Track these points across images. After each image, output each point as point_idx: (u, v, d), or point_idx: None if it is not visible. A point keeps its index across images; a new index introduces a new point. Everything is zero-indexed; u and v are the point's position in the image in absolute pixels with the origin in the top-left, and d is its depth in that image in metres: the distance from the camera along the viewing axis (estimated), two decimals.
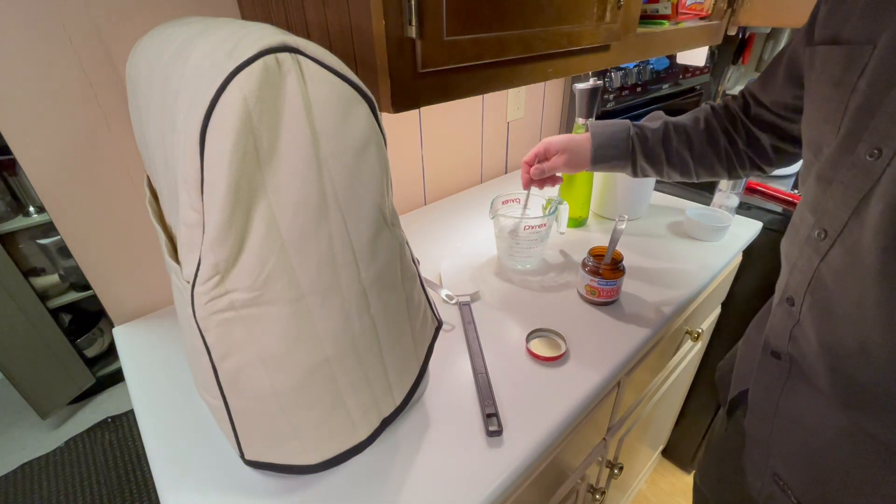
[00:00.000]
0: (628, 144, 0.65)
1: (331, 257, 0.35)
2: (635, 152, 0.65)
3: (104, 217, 0.63)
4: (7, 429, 1.62)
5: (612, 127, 0.66)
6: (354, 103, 0.33)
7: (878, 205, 0.34)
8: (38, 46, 0.52)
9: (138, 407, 0.55)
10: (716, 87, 1.66)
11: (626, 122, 0.67)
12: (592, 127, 0.67)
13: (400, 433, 0.50)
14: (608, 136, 0.66)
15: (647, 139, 0.65)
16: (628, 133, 0.65)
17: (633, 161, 0.66)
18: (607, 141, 0.66)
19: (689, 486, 1.32)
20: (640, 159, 0.65)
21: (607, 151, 0.66)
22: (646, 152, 0.65)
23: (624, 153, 0.65)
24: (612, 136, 0.66)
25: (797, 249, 0.44)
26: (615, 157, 0.66)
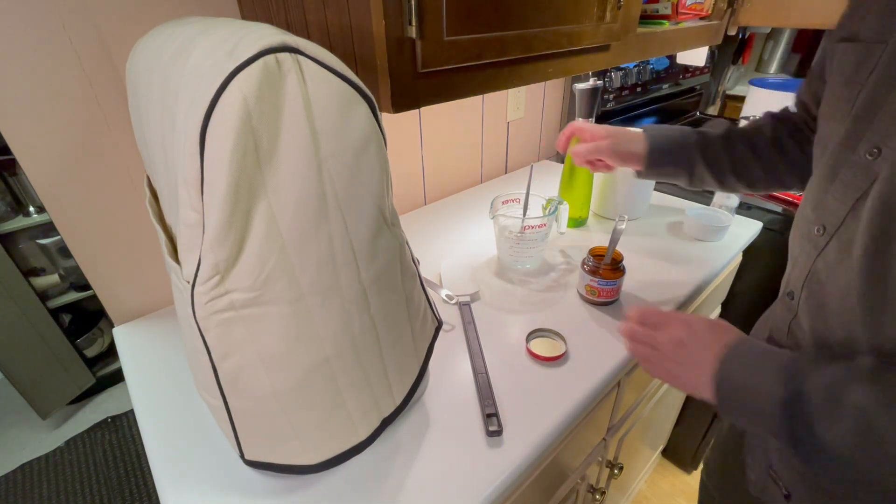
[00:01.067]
0: (688, 151, 0.60)
1: (331, 257, 0.35)
2: (694, 159, 0.60)
3: (104, 217, 0.63)
4: (7, 429, 1.62)
5: (669, 131, 0.62)
6: (354, 103, 0.33)
7: (871, 202, 0.35)
8: (38, 46, 0.52)
9: (138, 407, 0.55)
10: (716, 87, 1.66)
11: (686, 127, 0.63)
12: (648, 129, 0.63)
13: (400, 433, 0.50)
14: (666, 140, 0.61)
15: (709, 145, 0.60)
16: (690, 138, 0.61)
17: (691, 169, 0.61)
18: (665, 145, 0.61)
19: (689, 486, 1.32)
20: (701, 167, 0.60)
21: (663, 157, 0.61)
22: (708, 160, 0.60)
23: (682, 160, 0.61)
24: (670, 140, 0.61)
25: (798, 245, 0.44)
26: (671, 164, 0.62)
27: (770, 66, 2.08)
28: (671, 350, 0.45)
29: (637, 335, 0.48)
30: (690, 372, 0.43)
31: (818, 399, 0.34)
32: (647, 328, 0.48)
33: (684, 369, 0.44)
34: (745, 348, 0.41)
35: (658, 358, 0.46)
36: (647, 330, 0.48)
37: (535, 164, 1.27)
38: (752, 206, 0.93)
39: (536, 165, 1.26)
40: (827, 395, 0.33)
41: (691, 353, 0.43)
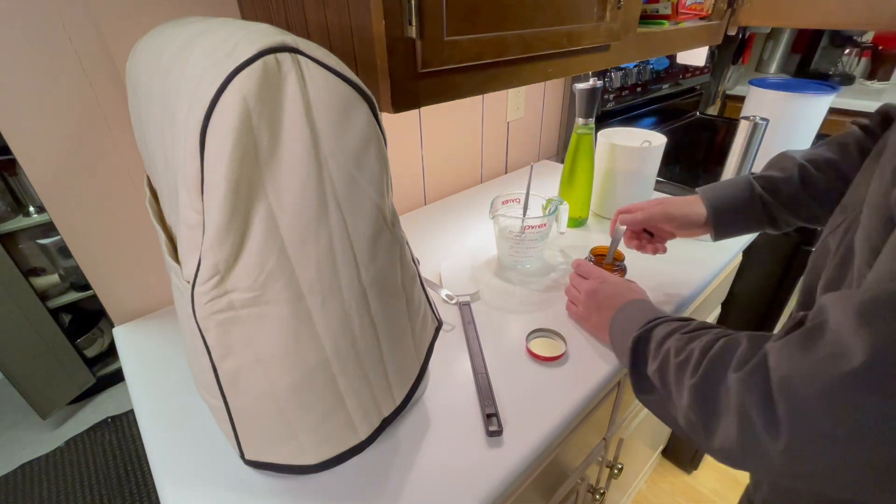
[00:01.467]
0: (754, 203, 0.58)
1: (331, 257, 0.35)
2: (769, 208, 0.57)
3: (104, 217, 0.63)
4: (7, 429, 1.62)
5: (727, 188, 0.59)
6: (354, 103, 0.33)
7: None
8: (38, 47, 0.52)
9: (138, 407, 0.55)
10: (716, 87, 1.66)
11: (744, 177, 0.59)
12: (702, 192, 0.61)
13: (400, 433, 0.50)
14: (726, 199, 0.59)
15: (778, 190, 0.57)
16: (751, 190, 0.58)
17: (771, 217, 0.58)
18: (727, 204, 0.59)
19: (689, 486, 1.32)
20: (781, 213, 0.57)
21: (731, 217, 0.59)
22: (785, 203, 0.57)
23: (753, 214, 0.58)
24: (731, 199, 0.59)
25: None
26: (744, 221, 0.59)
27: (770, 66, 2.08)
28: (586, 297, 0.60)
29: (571, 280, 0.65)
30: (596, 316, 0.58)
31: (654, 342, 0.43)
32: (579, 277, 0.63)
33: (592, 313, 0.59)
34: (639, 303, 0.53)
35: (577, 300, 0.62)
36: (578, 278, 0.63)
37: (535, 164, 1.27)
38: None
39: (536, 165, 1.26)
40: (659, 341, 0.43)
41: (600, 301, 0.57)
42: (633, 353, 0.45)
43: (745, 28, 1.65)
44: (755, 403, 0.29)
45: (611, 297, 0.56)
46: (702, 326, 0.41)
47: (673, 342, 0.40)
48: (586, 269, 0.62)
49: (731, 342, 0.35)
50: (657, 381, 0.41)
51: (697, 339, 0.38)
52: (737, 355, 0.33)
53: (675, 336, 0.41)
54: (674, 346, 0.40)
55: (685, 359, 0.37)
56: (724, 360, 0.33)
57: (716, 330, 0.39)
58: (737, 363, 0.32)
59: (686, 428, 0.37)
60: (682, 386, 0.37)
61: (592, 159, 0.84)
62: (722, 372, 0.33)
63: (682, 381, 0.37)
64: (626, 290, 0.56)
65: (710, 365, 0.34)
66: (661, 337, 0.43)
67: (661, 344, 0.42)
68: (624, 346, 0.47)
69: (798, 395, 0.27)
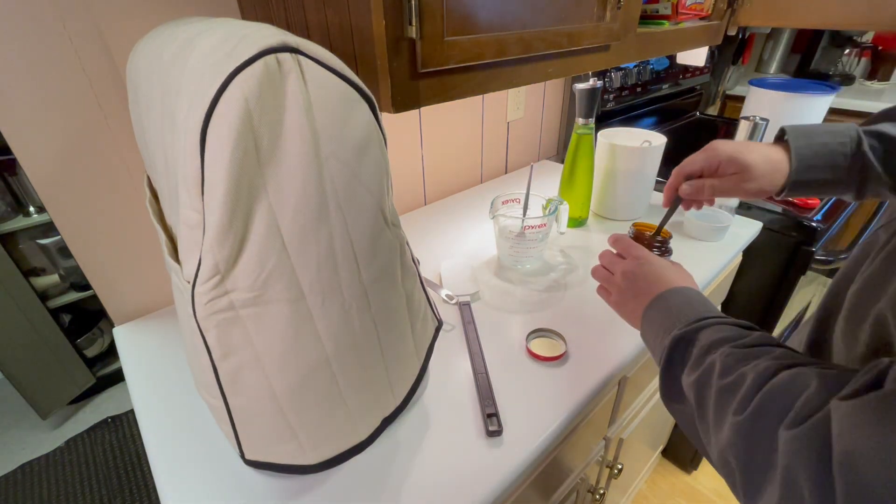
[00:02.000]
0: (856, 162, 0.46)
1: (331, 257, 0.35)
2: (866, 173, 0.46)
3: (104, 217, 0.63)
4: (7, 429, 1.62)
5: (826, 138, 0.48)
6: (355, 103, 0.33)
7: None
8: (38, 46, 0.52)
9: (138, 407, 0.55)
10: (716, 88, 1.66)
11: (849, 127, 0.48)
12: (794, 139, 0.49)
13: (400, 433, 0.50)
14: (822, 156, 0.48)
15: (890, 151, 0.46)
16: (858, 147, 0.46)
17: (863, 183, 0.47)
18: (820, 159, 0.47)
19: (689, 486, 1.32)
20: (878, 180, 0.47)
21: (818, 174, 0.48)
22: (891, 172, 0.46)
23: (845, 177, 0.47)
24: (828, 156, 0.47)
25: None
26: (830, 184, 0.48)
27: (770, 66, 2.08)
28: (621, 280, 0.48)
29: (604, 257, 0.52)
30: (633, 303, 0.47)
31: (698, 347, 0.36)
32: (614, 255, 0.52)
33: (628, 299, 0.47)
34: (685, 292, 0.43)
35: (610, 282, 0.50)
36: (613, 255, 0.52)
37: (535, 164, 1.27)
38: (752, 206, 0.93)
39: (536, 165, 1.26)
40: (705, 348, 0.35)
41: (639, 287, 0.46)
42: (670, 354, 0.38)
43: (745, 28, 1.65)
44: (807, 474, 0.24)
45: (652, 281, 0.45)
46: (762, 342, 0.33)
47: (721, 356, 0.33)
48: (625, 245, 0.50)
49: (794, 380, 0.27)
50: (691, 394, 0.34)
51: (752, 363, 0.31)
52: (797, 404, 0.26)
53: (724, 348, 0.33)
54: (721, 362, 0.33)
55: (733, 384, 0.31)
56: (782, 404, 0.27)
57: (777, 352, 0.31)
58: (794, 416, 0.26)
59: (718, 466, 0.31)
60: (723, 417, 0.30)
61: (592, 159, 0.84)
62: (775, 420, 0.27)
63: (724, 412, 0.30)
64: (673, 273, 0.46)
65: (763, 405, 0.28)
66: (707, 343, 0.35)
67: (707, 353, 0.35)
68: (660, 342, 0.40)
69: (864, 479, 0.22)
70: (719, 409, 0.31)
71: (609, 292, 0.51)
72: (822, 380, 0.26)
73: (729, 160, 0.50)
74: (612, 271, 0.50)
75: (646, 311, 0.44)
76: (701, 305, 0.40)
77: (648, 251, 0.49)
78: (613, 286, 0.50)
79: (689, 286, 0.44)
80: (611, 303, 0.51)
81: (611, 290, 0.50)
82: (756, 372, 0.30)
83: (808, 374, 0.27)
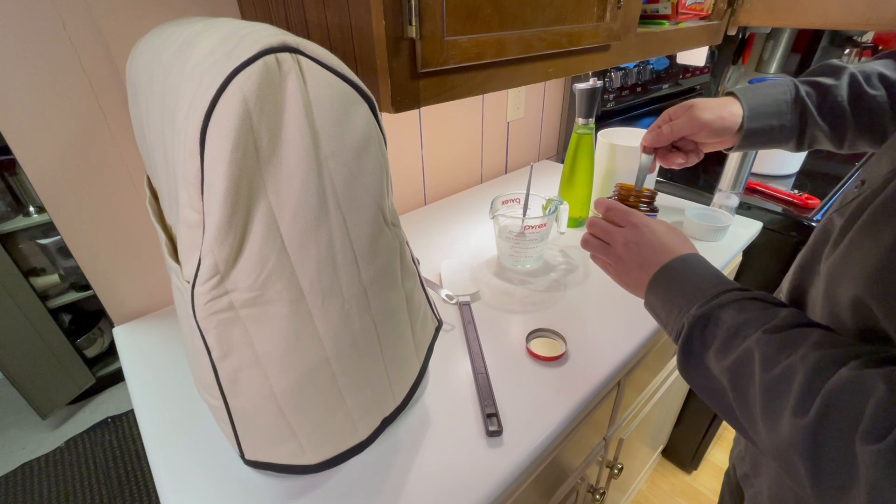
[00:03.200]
0: (794, 109, 0.51)
1: (331, 257, 0.35)
2: (805, 116, 0.51)
3: (104, 217, 0.63)
4: (7, 429, 1.62)
5: (767, 88, 0.53)
6: (355, 103, 0.33)
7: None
8: (38, 46, 0.52)
9: (138, 407, 0.55)
10: (716, 87, 1.66)
11: (786, 79, 0.54)
12: (740, 92, 0.54)
13: (400, 433, 0.50)
14: (766, 100, 0.52)
15: (823, 98, 0.51)
16: (795, 93, 0.52)
17: (802, 130, 0.52)
18: (767, 107, 0.52)
19: (689, 486, 1.32)
20: (815, 126, 0.51)
21: (765, 122, 0.52)
22: (826, 115, 0.51)
23: (788, 121, 0.52)
24: (772, 101, 0.52)
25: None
26: (777, 129, 0.52)
27: (770, 66, 2.08)
28: (622, 250, 0.46)
29: (597, 227, 0.50)
30: (634, 272, 0.45)
31: (723, 329, 0.35)
32: (608, 224, 0.49)
33: (631, 269, 0.46)
34: (692, 260, 0.42)
35: (609, 254, 0.48)
36: (607, 224, 0.49)
37: (535, 164, 1.27)
38: (752, 206, 0.93)
39: (536, 165, 1.26)
40: (732, 330, 0.34)
41: (643, 256, 0.44)
42: (690, 331, 0.37)
43: (745, 28, 1.65)
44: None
45: (657, 249, 0.44)
46: (794, 323, 0.32)
47: (757, 344, 0.32)
48: (620, 213, 0.48)
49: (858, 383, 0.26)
50: (725, 379, 0.34)
51: (796, 352, 0.30)
52: (868, 412, 0.25)
53: (757, 334, 0.32)
54: (760, 352, 0.31)
55: (782, 379, 0.29)
56: (851, 411, 0.26)
57: (816, 336, 0.30)
58: (871, 428, 0.24)
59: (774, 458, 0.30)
60: (778, 415, 0.29)
61: (592, 159, 0.84)
62: (848, 429, 0.25)
63: (778, 410, 0.29)
64: (674, 239, 0.44)
65: (830, 411, 0.27)
66: (734, 325, 0.34)
67: (736, 336, 0.34)
68: (675, 317, 0.39)
69: None
70: (770, 404, 0.30)
71: (608, 263, 0.49)
72: (890, 384, 0.25)
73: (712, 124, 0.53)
74: (608, 241, 0.48)
75: (652, 281, 0.43)
76: (711, 275, 0.39)
77: (644, 217, 0.47)
78: (612, 256, 0.48)
79: (693, 253, 0.43)
80: (610, 273, 0.49)
81: (609, 260, 0.48)
82: (806, 367, 0.29)
83: (872, 377, 0.26)
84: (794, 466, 0.28)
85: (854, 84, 0.51)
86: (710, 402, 0.36)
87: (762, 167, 1.06)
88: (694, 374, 0.37)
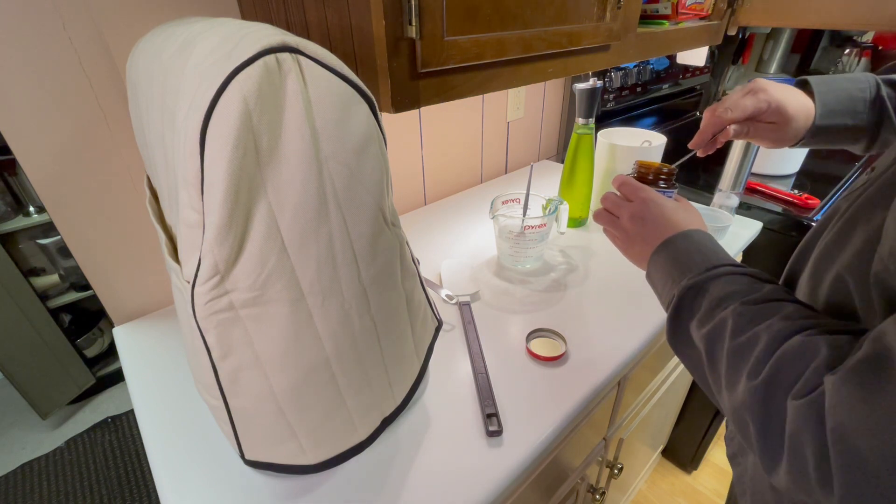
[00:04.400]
0: (873, 109, 0.49)
1: (331, 257, 0.35)
2: (882, 120, 0.49)
3: (104, 217, 0.63)
4: (7, 429, 1.62)
5: (846, 83, 0.50)
6: (355, 103, 0.33)
7: None
8: (38, 46, 0.52)
9: (138, 407, 0.55)
10: (716, 88, 1.66)
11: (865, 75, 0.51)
12: (815, 84, 0.51)
13: (400, 433, 0.50)
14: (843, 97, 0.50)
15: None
16: (876, 91, 0.49)
17: (875, 134, 0.50)
18: (843, 104, 0.50)
19: (689, 486, 1.32)
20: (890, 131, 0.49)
21: (840, 119, 0.50)
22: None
23: (862, 123, 0.50)
24: (849, 99, 0.50)
25: None
26: (850, 129, 0.50)
27: (770, 66, 2.08)
28: (629, 223, 0.47)
29: (608, 200, 0.51)
30: (638, 244, 0.47)
31: (709, 299, 0.36)
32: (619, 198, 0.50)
33: (636, 242, 0.47)
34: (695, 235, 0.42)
35: (616, 226, 0.49)
36: (617, 198, 0.50)
37: (535, 164, 1.27)
38: (752, 206, 0.93)
39: (536, 165, 1.26)
40: (716, 300, 0.35)
41: (648, 230, 0.46)
42: (679, 302, 0.38)
43: (745, 28, 1.65)
44: (810, 445, 0.25)
45: (662, 224, 0.45)
46: (773, 297, 0.33)
47: (733, 313, 0.33)
48: (632, 187, 0.49)
49: (804, 348, 0.28)
50: (702, 346, 0.35)
51: (765, 322, 0.31)
52: (805, 374, 0.27)
53: (735, 304, 0.34)
54: (733, 320, 0.33)
55: (746, 345, 0.31)
56: (792, 373, 0.27)
57: (789, 309, 0.31)
58: (801, 387, 0.26)
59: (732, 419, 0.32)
60: (737, 378, 0.31)
61: (592, 159, 0.84)
62: (786, 389, 0.27)
63: (738, 372, 0.31)
64: (682, 214, 0.45)
65: (776, 372, 0.28)
66: (718, 295, 0.35)
67: (718, 305, 0.35)
68: (669, 288, 0.41)
69: (857, 452, 0.23)
70: (732, 368, 0.32)
71: (615, 236, 0.50)
72: (832, 349, 0.27)
73: (776, 110, 0.50)
74: (617, 214, 0.49)
75: (653, 254, 0.44)
76: (710, 252, 0.40)
77: (653, 192, 0.48)
78: (620, 230, 0.49)
79: (698, 228, 0.44)
80: (618, 245, 0.50)
81: (617, 233, 0.50)
82: (769, 334, 0.30)
83: (819, 343, 0.27)
84: (746, 426, 0.30)
85: None
86: (691, 371, 0.38)
87: (762, 167, 1.06)
88: (679, 342, 0.39)
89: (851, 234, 0.32)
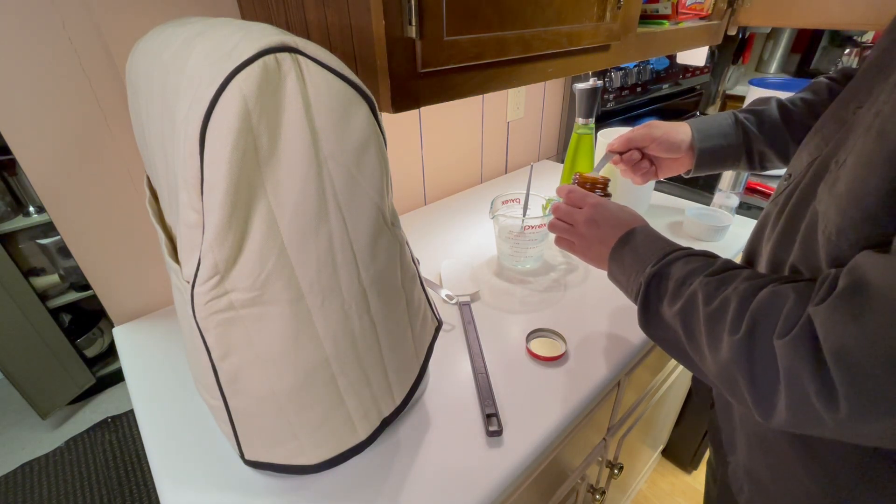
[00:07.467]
0: (737, 131, 0.61)
1: (331, 257, 0.35)
2: (749, 138, 0.61)
3: (104, 217, 0.63)
4: (7, 429, 1.62)
5: (711, 118, 0.63)
6: (354, 103, 0.33)
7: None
8: (38, 46, 0.52)
9: (138, 407, 0.55)
10: (716, 87, 1.66)
11: (727, 112, 0.64)
12: (690, 122, 0.63)
13: (400, 433, 0.50)
14: (711, 126, 0.62)
15: (762, 122, 0.61)
16: (735, 119, 0.62)
17: (749, 149, 0.62)
18: (712, 130, 0.62)
19: (689, 486, 1.32)
20: (759, 144, 0.61)
21: (714, 143, 0.62)
22: (766, 133, 0.61)
23: (734, 144, 0.62)
24: (716, 126, 0.62)
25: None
26: (725, 151, 0.62)
27: (770, 66, 2.07)
28: (584, 228, 0.52)
29: (559, 210, 0.56)
30: (598, 247, 0.51)
31: (673, 280, 0.40)
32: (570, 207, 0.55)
33: (593, 244, 0.52)
34: (644, 232, 0.48)
35: (572, 233, 0.54)
36: (569, 208, 0.55)
37: (535, 164, 1.26)
38: (752, 206, 0.93)
39: (536, 165, 1.26)
40: (680, 280, 0.40)
41: (603, 232, 0.51)
42: (647, 289, 0.42)
43: (745, 28, 1.65)
44: (807, 372, 0.27)
45: (614, 225, 0.50)
46: (728, 267, 0.38)
47: (700, 286, 0.37)
48: (579, 195, 0.55)
49: (775, 296, 0.31)
50: (678, 324, 0.38)
51: (730, 286, 0.35)
52: (782, 316, 0.30)
53: (700, 278, 0.38)
54: (702, 291, 0.36)
55: (719, 308, 0.34)
56: (771, 318, 0.31)
57: (746, 273, 0.36)
58: (781, 328, 0.30)
59: (719, 381, 0.35)
60: (718, 339, 0.34)
61: (592, 159, 0.84)
62: (769, 333, 0.30)
63: (718, 334, 0.34)
64: (627, 215, 0.51)
65: (755, 321, 0.31)
66: (681, 275, 0.39)
67: (683, 284, 0.39)
68: (633, 279, 0.45)
69: (857, 365, 0.26)
70: (711, 332, 0.35)
71: (572, 242, 0.55)
72: (798, 292, 0.31)
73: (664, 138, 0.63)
74: (570, 222, 0.54)
75: (612, 253, 0.49)
76: (662, 241, 0.46)
77: (599, 198, 0.54)
78: (576, 235, 0.54)
79: (644, 226, 0.50)
80: (575, 251, 0.55)
81: (573, 239, 0.54)
82: (738, 294, 0.34)
83: (786, 289, 0.31)
84: (736, 382, 0.33)
85: (780, 105, 0.61)
86: (670, 351, 0.41)
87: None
88: (653, 326, 0.42)
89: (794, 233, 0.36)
